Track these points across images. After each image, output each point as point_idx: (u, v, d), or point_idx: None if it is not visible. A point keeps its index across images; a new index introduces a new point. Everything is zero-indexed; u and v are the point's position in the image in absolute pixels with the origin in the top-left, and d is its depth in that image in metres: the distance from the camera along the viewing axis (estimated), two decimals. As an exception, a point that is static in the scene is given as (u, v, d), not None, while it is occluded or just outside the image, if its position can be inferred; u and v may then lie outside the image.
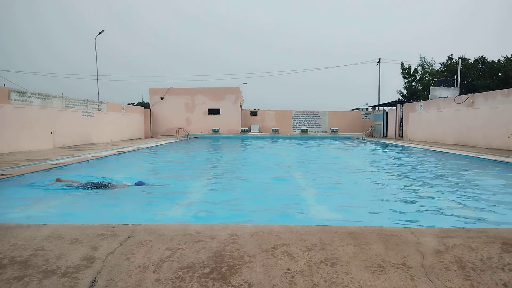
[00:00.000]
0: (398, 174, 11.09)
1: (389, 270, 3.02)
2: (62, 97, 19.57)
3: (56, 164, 11.24)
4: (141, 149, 18.85)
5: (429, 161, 14.30)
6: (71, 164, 11.71)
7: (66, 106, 19.76)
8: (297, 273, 2.98)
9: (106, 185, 8.36)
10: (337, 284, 2.83)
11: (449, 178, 9.99)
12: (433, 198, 7.58)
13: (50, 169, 10.39)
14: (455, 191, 8.32)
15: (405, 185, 9.11)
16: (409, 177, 10.37)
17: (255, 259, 3.20)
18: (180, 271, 3.00)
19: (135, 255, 3.27)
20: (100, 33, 32.80)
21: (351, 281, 2.87)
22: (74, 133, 20.43)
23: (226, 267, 3.07)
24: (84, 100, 21.76)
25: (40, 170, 10.02)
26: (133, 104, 59.16)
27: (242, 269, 3.05)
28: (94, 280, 2.88)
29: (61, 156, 13.61)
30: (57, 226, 3.98)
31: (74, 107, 20.56)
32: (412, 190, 8.47)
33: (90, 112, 22.28)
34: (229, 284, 2.83)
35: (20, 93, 16.28)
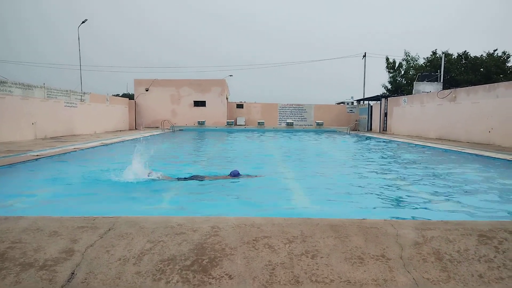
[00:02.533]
0: (379, 167, 11.22)
1: (368, 261, 3.06)
2: (44, 87, 19.17)
3: (37, 155, 11.03)
4: (125, 141, 18.64)
5: (410, 155, 14.51)
6: (53, 155, 11.51)
7: (48, 97, 19.37)
8: (278, 265, 3.00)
9: (202, 178, 8.32)
10: (317, 276, 2.86)
11: (429, 172, 10.16)
12: (413, 191, 7.70)
13: (32, 160, 10.20)
14: (435, 184, 8.46)
15: (386, 178, 9.23)
16: (390, 170, 10.51)
17: (237, 252, 3.20)
18: (160, 264, 2.99)
19: (115, 247, 3.24)
20: (83, 22, 32.15)
21: (331, 272, 2.91)
22: (56, 124, 20.06)
23: (207, 260, 3.07)
24: (67, 91, 21.37)
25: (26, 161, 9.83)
26: (117, 95, 58.37)
27: (223, 261, 3.05)
28: (73, 273, 2.85)
29: (42, 147, 13.37)
30: (35, 218, 3.91)
31: (56, 98, 20.17)
32: (393, 183, 8.59)
33: (73, 103, 21.89)
34: (210, 276, 2.84)
35: (0, 82, 15.89)
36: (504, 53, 37.75)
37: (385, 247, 3.31)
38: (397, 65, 44.91)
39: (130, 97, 37.67)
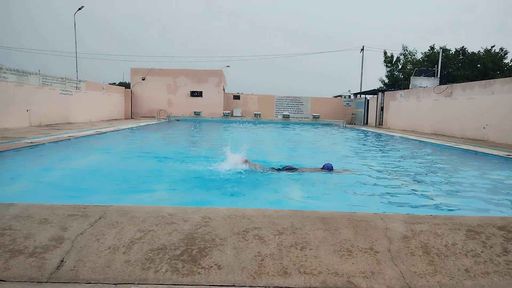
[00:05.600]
0: (372, 161, 11.26)
1: (356, 254, 3.09)
2: (39, 74, 19.02)
3: (31, 142, 10.98)
4: (120, 130, 18.57)
5: (404, 149, 14.56)
6: (47, 143, 11.46)
7: (43, 84, 19.22)
8: (267, 256, 3.02)
9: (294, 169, 8.31)
10: (306, 268, 2.89)
11: (421, 166, 10.21)
12: (405, 185, 7.74)
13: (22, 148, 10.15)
14: (427, 178, 8.51)
15: (378, 172, 9.27)
16: (382, 164, 10.55)
17: (226, 242, 3.22)
18: (150, 253, 3.01)
19: (106, 236, 3.25)
20: (79, 9, 31.84)
21: (319, 264, 2.93)
22: (51, 112, 19.94)
23: (197, 250, 3.08)
24: (62, 78, 21.21)
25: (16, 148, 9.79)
26: (114, 83, 58.03)
27: (213, 251, 3.07)
28: (62, 261, 2.86)
29: (37, 134, 13.30)
30: (26, 205, 3.90)
31: (51, 85, 20.02)
32: (385, 177, 8.63)
33: (68, 91, 21.74)
34: (199, 266, 2.85)
35: (-6, 68, 15.75)
36: (501, 49, 37.81)
37: (374, 240, 3.34)
38: (394, 59, 44.82)
39: (127, 86, 37.44)
